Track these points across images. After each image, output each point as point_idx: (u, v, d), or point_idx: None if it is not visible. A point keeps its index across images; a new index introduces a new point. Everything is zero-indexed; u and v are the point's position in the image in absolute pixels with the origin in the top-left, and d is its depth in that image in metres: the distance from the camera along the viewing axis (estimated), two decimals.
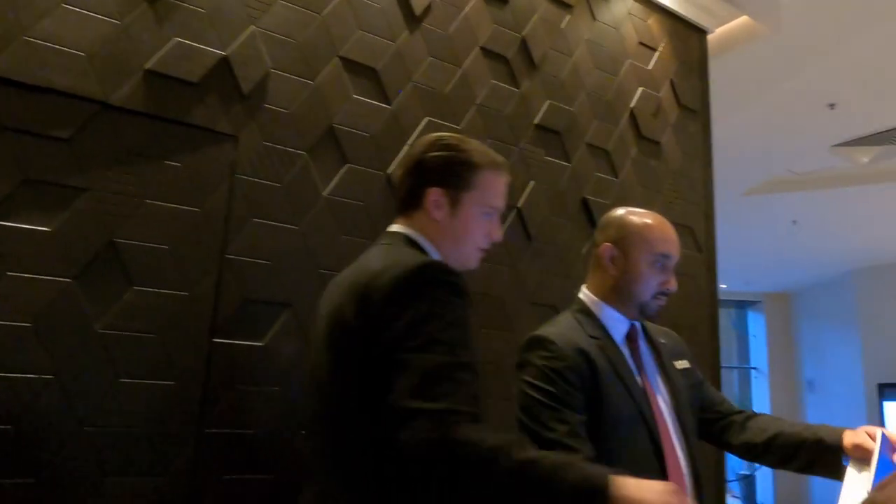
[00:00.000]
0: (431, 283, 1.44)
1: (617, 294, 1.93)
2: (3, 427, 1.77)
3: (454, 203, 1.66)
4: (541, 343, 1.83)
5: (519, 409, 1.81)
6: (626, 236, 1.94)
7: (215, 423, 2.04)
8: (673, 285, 1.92)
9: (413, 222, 1.69)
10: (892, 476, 1.06)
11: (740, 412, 2.05)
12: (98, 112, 2.02)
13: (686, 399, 1.94)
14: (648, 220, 1.95)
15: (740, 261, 9.60)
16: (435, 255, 1.65)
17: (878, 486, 1.06)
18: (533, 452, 1.31)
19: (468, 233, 1.68)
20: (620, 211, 2.01)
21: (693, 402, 1.98)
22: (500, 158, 1.75)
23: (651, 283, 1.89)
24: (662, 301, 1.93)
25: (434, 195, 1.65)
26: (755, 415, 2.02)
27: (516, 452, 1.28)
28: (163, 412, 1.98)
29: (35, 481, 1.78)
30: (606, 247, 1.95)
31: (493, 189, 1.70)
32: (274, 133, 2.29)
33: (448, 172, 1.66)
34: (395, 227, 1.71)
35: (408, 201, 1.70)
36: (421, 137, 1.75)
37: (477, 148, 1.71)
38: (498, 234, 1.75)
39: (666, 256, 1.91)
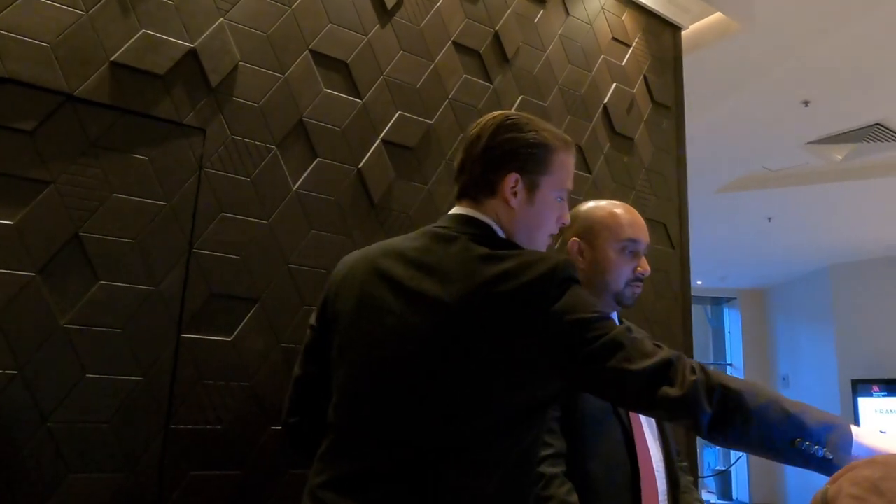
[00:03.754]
0: (572, 279, 1.40)
1: (591, 287, 1.92)
2: None
3: (531, 189, 1.55)
4: None
5: None
6: (590, 228, 1.94)
7: (182, 419, 2.02)
8: (646, 269, 1.92)
9: (485, 208, 1.55)
10: (845, 469, 1.08)
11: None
12: (62, 104, 1.99)
13: None
14: (611, 209, 1.96)
15: (716, 257, 9.67)
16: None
17: (831, 478, 1.07)
18: (769, 390, 1.34)
19: (543, 219, 1.57)
20: (584, 205, 2.02)
21: None
22: (567, 137, 1.63)
23: (623, 271, 1.90)
24: (638, 287, 1.93)
25: (512, 180, 1.53)
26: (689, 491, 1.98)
27: (762, 388, 1.33)
28: (129, 408, 1.95)
29: None
30: (573, 241, 1.96)
31: (567, 171, 1.60)
32: (242, 126, 2.27)
33: (526, 157, 1.54)
34: (465, 211, 1.57)
35: (478, 187, 1.57)
36: (486, 117, 1.62)
37: (547, 127, 1.60)
38: (568, 217, 1.65)
39: (633, 241, 1.91)
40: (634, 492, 1.75)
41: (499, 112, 1.62)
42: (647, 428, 1.85)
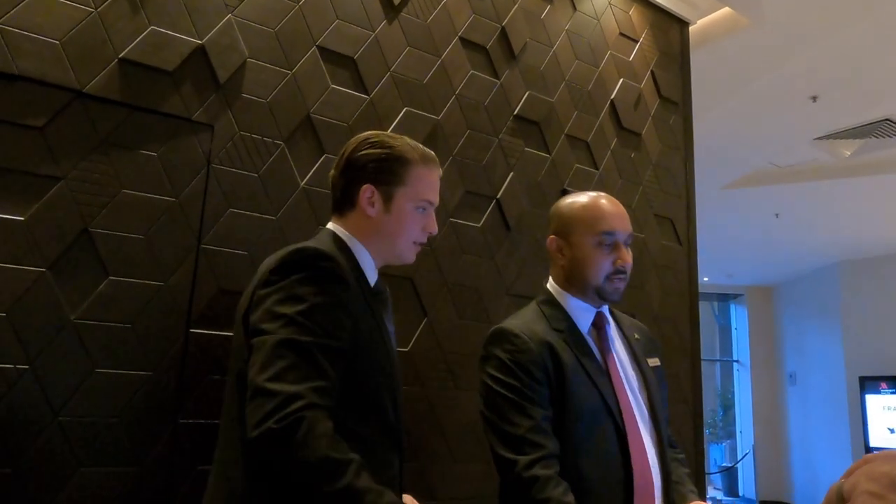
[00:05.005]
0: (298, 268, 1.50)
1: (573, 283, 1.91)
2: None
3: (387, 199, 1.70)
4: (504, 336, 1.82)
5: (482, 403, 1.80)
6: (565, 224, 1.92)
7: (191, 414, 2.04)
8: (626, 260, 1.88)
9: (346, 221, 1.73)
10: (861, 461, 1.07)
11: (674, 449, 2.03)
12: (72, 100, 2.00)
13: (657, 391, 1.93)
14: (585, 202, 1.92)
15: (723, 254, 9.65)
16: (362, 253, 1.70)
17: (846, 472, 1.07)
18: (366, 483, 1.33)
19: (402, 228, 1.72)
20: (562, 200, 1.99)
21: (664, 396, 1.97)
22: (430, 153, 1.78)
23: (602, 265, 1.86)
24: (620, 281, 1.89)
25: (367, 192, 1.69)
26: (679, 464, 1.99)
27: (353, 476, 1.31)
28: (138, 402, 1.96)
29: (10, 471, 1.77)
30: (552, 239, 1.95)
31: (424, 183, 1.74)
32: (250, 122, 2.28)
33: (379, 169, 1.70)
34: (329, 226, 1.76)
35: (342, 201, 1.75)
36: (354, 137, 1.80)
37: (407, 143, 1.75)
38: (433, 227, 1.77)
39: (609, 234, 1.87)
40: (628, 490, 1.74)
41: (365, 133, 1.78)
42: (641, 424, 1.83)
